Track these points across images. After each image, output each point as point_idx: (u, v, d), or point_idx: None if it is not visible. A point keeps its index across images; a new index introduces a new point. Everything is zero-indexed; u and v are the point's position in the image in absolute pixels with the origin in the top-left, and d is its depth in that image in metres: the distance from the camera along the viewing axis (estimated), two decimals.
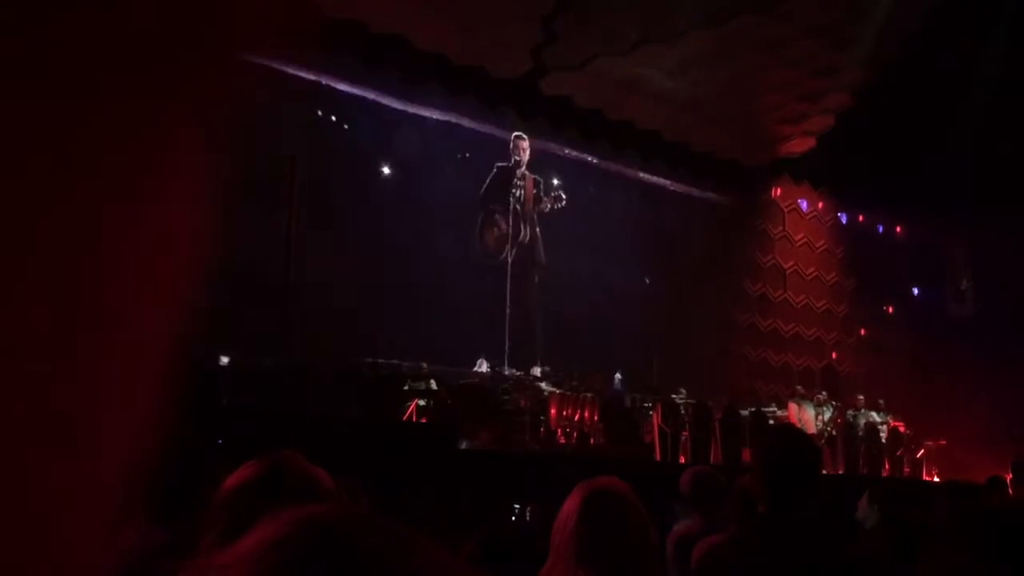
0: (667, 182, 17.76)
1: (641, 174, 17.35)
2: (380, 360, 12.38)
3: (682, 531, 3.51)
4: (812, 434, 13.40)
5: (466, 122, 15.01)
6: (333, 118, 13.72)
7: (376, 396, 10.72)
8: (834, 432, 14.52)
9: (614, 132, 16.24)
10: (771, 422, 13.95)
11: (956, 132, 15.61)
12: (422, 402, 10.84)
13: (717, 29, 13.90)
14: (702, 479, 3.83)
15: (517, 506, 6.34)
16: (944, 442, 16.04)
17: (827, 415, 14.72)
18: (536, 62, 14.18)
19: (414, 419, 10.48)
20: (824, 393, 15.50)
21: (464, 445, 9.44)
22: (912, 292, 20.37)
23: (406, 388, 11.26)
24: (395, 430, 9.41)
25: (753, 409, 14.18)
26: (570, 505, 1.79)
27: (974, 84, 15.33)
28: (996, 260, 18.50)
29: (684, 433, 12.59)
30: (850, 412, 15.26)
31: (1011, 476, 10.12)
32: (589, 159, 16.53)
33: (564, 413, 12.53)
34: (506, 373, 13.71)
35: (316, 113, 13.46)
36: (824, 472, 13.20)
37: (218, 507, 1.75)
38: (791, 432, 2.64)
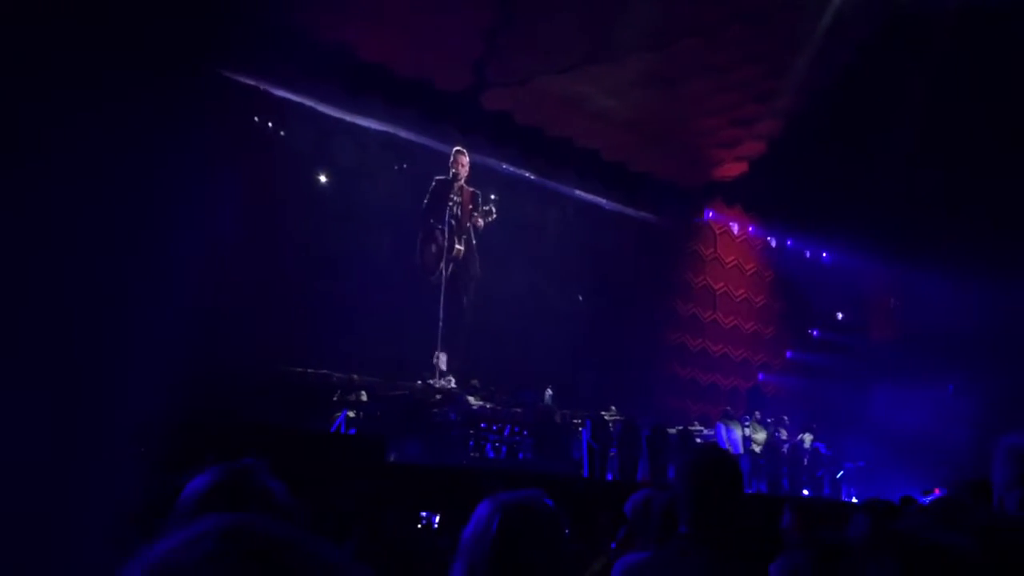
0: (603, 201, 17.93)
1: (578, 192, 17.49)
2: (310, 370, 12.23)
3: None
4: (737, 454, 13.64)
5: (404, 133, 14.96)
6: (270, 124, 13.52)
7: (304, 406, 10.59)
8: (759, 452, 14.78)
9: (552, 149, 16.34)
10: (698, 440, 14.15)
11: (882, 161, 16.08)
12: (351, 413, 10.74)
13: (658, 52, 14.12)
14: (647, 502, 3.75)
15: (424, 514, 6.33)
16: (863, 463, 16.43)
17: (758, 436, 14.98)
18: (477, 77, 14.21)
19: (343, 430, 10.38)
20: (758, 413, 15.77)
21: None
22: (836, 316, 20.85)
23: (335, 399, 11.15)
24: (322, 440, 9.30)
25: (681, 427, 14.36)
26: (486, 519, 1.78)
27: (900, 115, 15.80)
28: (916, 286, 19.04)
29: (612, 450, 12.70)
30: (776, 432, 15.55)
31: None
32: (527, 175, 16.61)
33: (494, 427, 12.54)
34: (437, 386, 13.66)
35: (253, 119, 13.25)
36: (747, 491, 13.44)
37: (180, 515, 1.73)
38: (713, 452, 2.68)
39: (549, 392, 14.51)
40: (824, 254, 20.95)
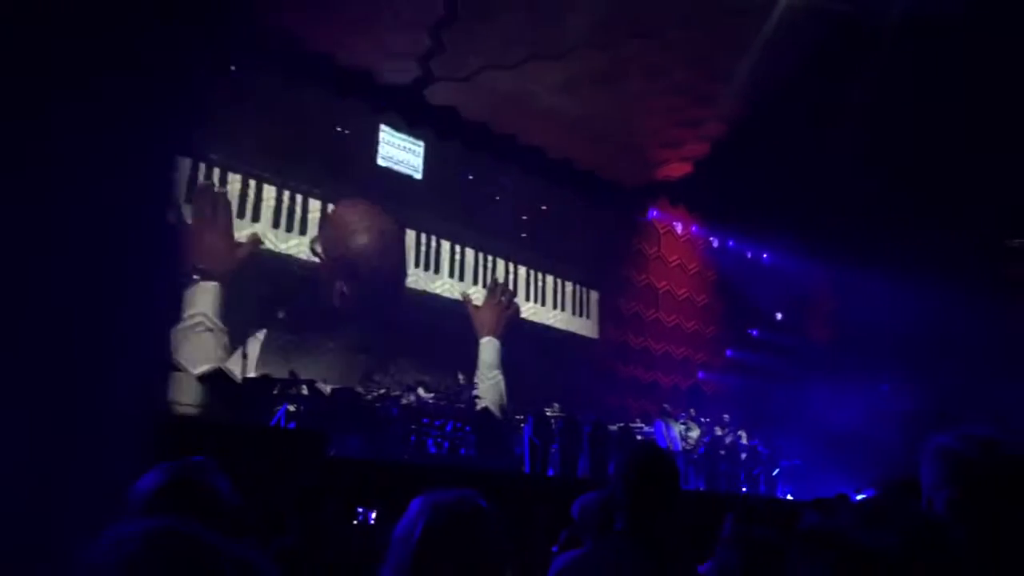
0: (548, 198, 17.99)
1: (523, 189, 17.51)
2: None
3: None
4: (676, 451, 13.79)
5: None
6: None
7: (245, 400, 10.45)
8: (698, 449, 14.95)
9: (498, 145, 16.34)
10: (639, 437, 14.28)
11: (822, 165, 16.38)
12: (292, 407, 10.62)
13: (604, 51, 14.20)
14: (593, 505, 3.70)
15: (361, 510, 6.29)
16: (799, 461, 16.73)
17: (692, 433, 15.14)
18: (423, 71, 14.15)
19: (283, 424, 10.26)
20: (692, 411, 15.95)
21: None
22: (776, 316, 21.19)
23: (275, 392, 11.02)
24: (261, 435, 9.18)
25: (622, 424, 14.46)
26: (413, 519, 1.76)
27: (841, 120, 16.11)
28: (853, 289, 19.43)
29: (554, 446, 12.74)
30: (716, 430, 15.75)
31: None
32: (470, 176, 16.57)
33: (436, 423, 12.51)
34: (379, 381, 13.58)
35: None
36: (685, 488, 13.60)
37: (129, 513, 1.74)
38: (651, 449, 2.70)
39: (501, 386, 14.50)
40: (765, 255, 21.27)
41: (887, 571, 1.27)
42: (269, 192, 13.73)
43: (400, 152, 15.41)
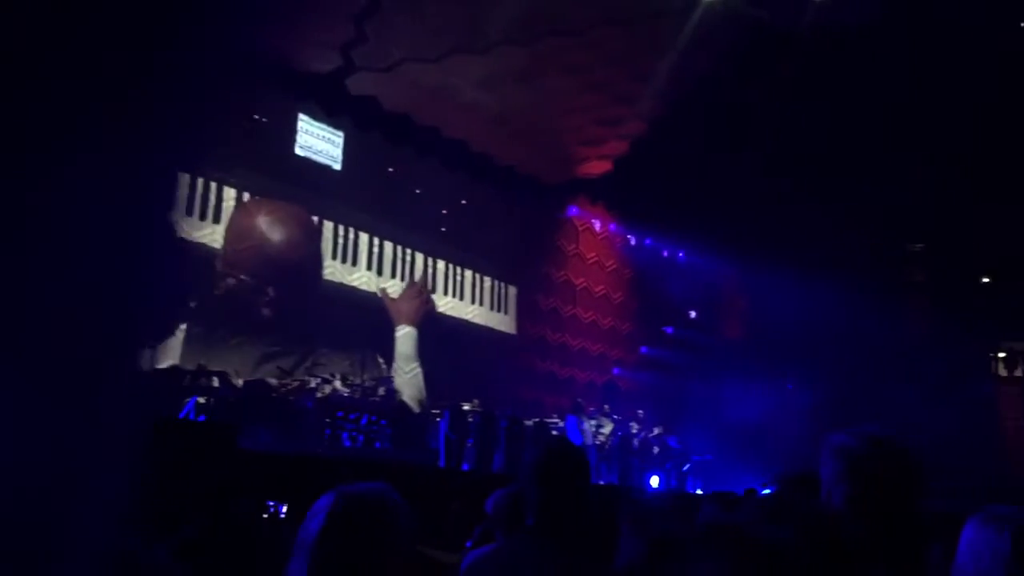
0: (468, 193, 17.97)
1: (443, 183, 17.46)
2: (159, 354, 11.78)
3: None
4: (588, 446, 13.95)
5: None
6: None
7: (153, 391, 10.18)
8: (610, 444, 15.13)
9: (420, 138, 16.25)
10: (554, 432, 14.38)
11: (737, 166, 16.75)
12: (201, 399, 10.40)
13: (526, 48, 14.24)
14: (505, 500, 3.67)
15: (271, 503, 6.20)
16: (709, 456, 17.07)
17: (605, 429, 15.31)
18: (345, 60, 13.98)
19: (192, 416, 10.04)
20: (607, 406, 16.12)
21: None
22: (690, 314, 21.57)
23: (185, 384, 10.77)
24: (169, 427, 8.95)
25: (537, 419, 14.55)
26: (320, 513, 1.75)
27: (755, 123, 16.49)
28: (763, 289, 19.90)
29: (470, 440, 12.75)
30: (630, 426, 15.96)
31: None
32: (390, 168, 16.44)
33: (351, 416, 12.39)
34: (294, 373, 13.39)
35: None
36: (599, 483, 13.76)
37: None
38: (561, 444, 2.72)
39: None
40: (680, 253, 21.63)
41: (786, 565, 1.31)
42: (183, 179, 13.37)
43: (319, 142, 15.20)
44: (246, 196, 14.08)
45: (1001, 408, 19.47)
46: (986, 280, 19.86)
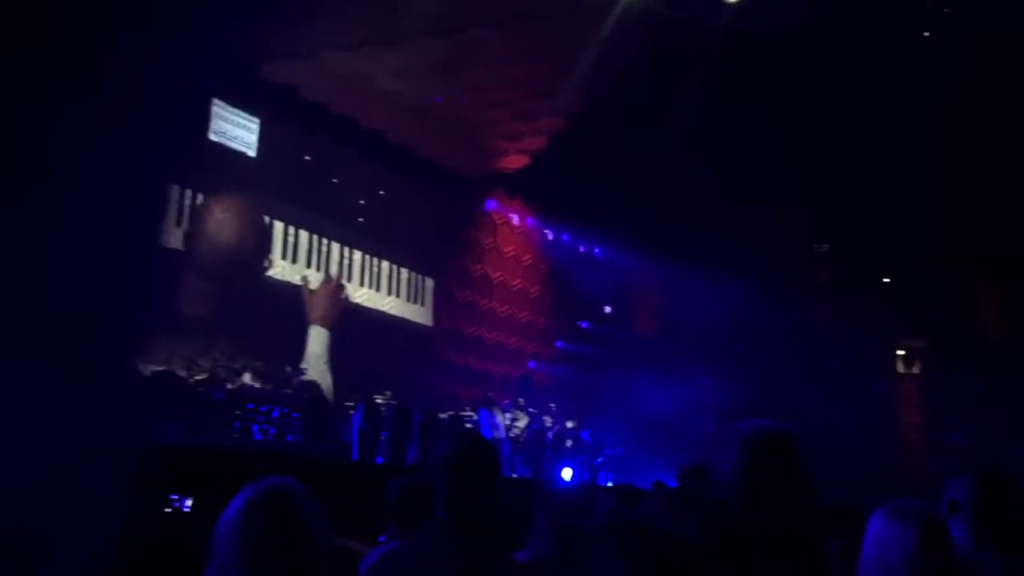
0: (386, 184, 17.82)
1: (361, 173, 17.28)
2: None
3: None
4: (500, 439, 14.02)
5: None
6: None
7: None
8: (524, 438, 15.23)
9: (337, 127, 16.03)
10: (468, 426, 14.40)
11: (653, 164, 17.02)
12: None
13: (445, 39, 14.19)
14: (409, 491, 3.60)
15: (175, 497, 6.07)
16: (621, 450, 17.32)
17: (520, 422, 15.41)
18: (260, 47, 13.70)
19: None
20: (522, 400, 16.21)
21: None
22: (605, 309, 21.82)
23: None
24: None
25: (452, 413, 14.54)
26: (234, 506, 1.73)
27: (672, 122, 16.77)
28: (678, 286, 20.27)
29: (384, 433, 12.66)
30: (544, 419, 16.08)
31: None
32: (307, 156, 16.20)
33: (262, 408, 12.19)
34: (203, 365, 13.09)
35: None
36: (512, 476, 13.84)
37: None
38: (471, 438, 2.73)
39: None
40: (596, 249, 21.84)
41: (685, 559, 1.34)
42: None
43: (233, 128, 14.87)
44: None
45: (898, 404, 20.24)
46: (887, 280, 20.60)
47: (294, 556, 1.70)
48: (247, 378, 12.54)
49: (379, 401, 13.35)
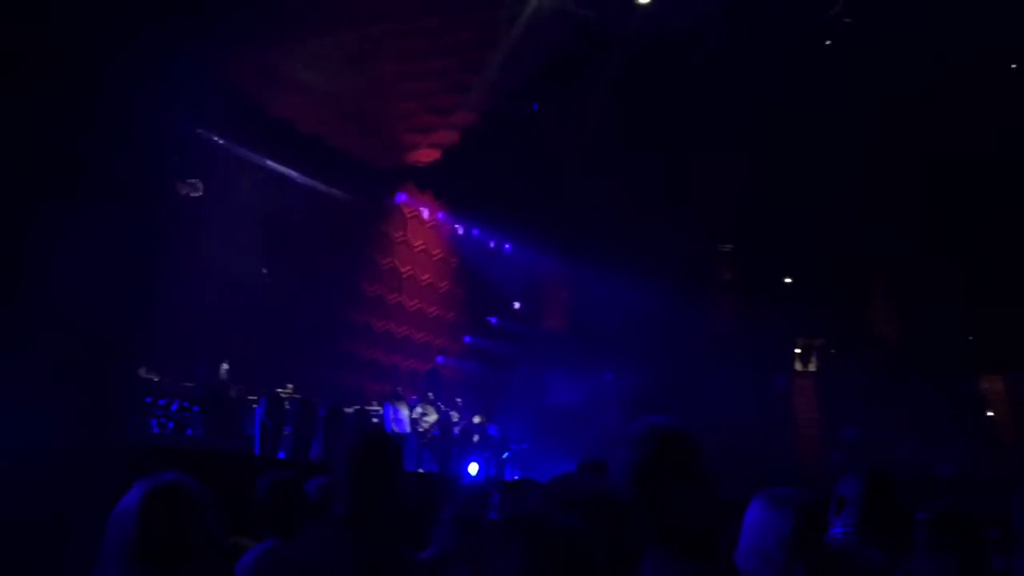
0: (294, 173, 17.51)
1: (268, 162, 16.93)
2: None
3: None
4: (403, 434, 13.97)
5: None
6: None
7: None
8: (432, 432, 15.19)
9: (244, 115, 15.64)
10: (375, 420, 14.29)
11: (563, 163, 17.16)
12: None
13: (357, 30, 14.02)
14: (280, 488, 3.46)
15: None
16: (527, 445, 17.41)
17: (429, 417, 15.35)
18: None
19: None
20: (431, 394, 16.15)
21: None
22: (514, 305, 21.90)
23: None
24: None
25: (358, 407, 14.40)
26: (124, 503, 1.68)
27: (582, 121, 16.94)
28: (586, 283, 20.49)
29: (287, 428, 12.48)
30: (451, 414, 16.05)
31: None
32: (216, 140, 15.80)
33: (160, 402, 11.86)
34: None
35: None
36: (419, 471, 13.78)
37: None
38: (373, 433, 2.71)
39: (225, 367, 13.97)
40: (507, 245, 21.89)
41: (578, 552, 1.35)
42: None
43: None
44: None
45: (795, 400, 20.89)
46: (788, 281, 21.24)
47: (184, 554, 1.66)
48: (142, 372, 12.18)
49: (282, 395, 13.15)
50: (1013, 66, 15.97)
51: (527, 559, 1.36)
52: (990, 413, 19.45)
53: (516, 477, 15.86)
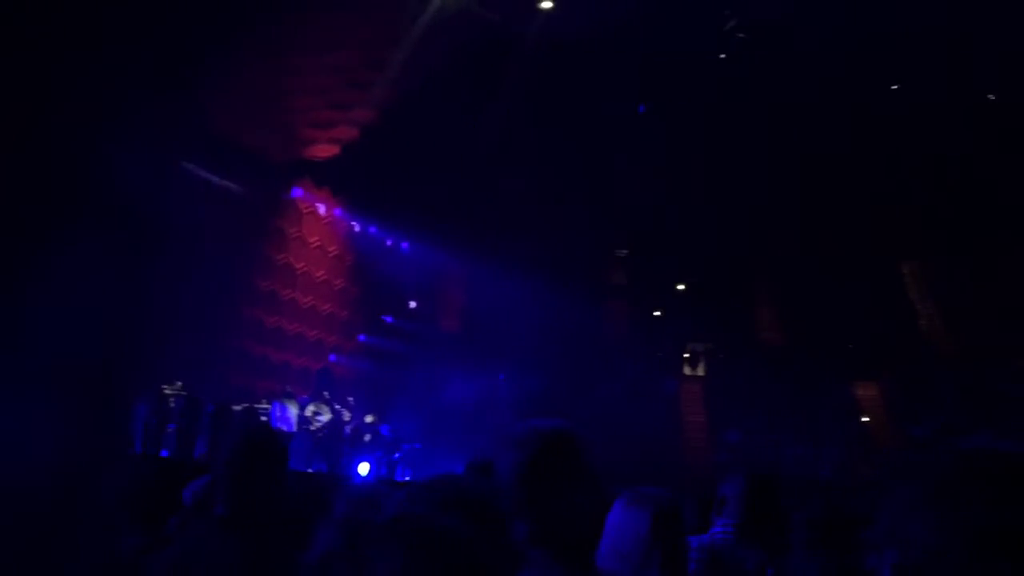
0: (188, 165, 16.99)
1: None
2: None
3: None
4: (290, 433, 13.76)
5: None
6: None
7: None
8: (322, 432, 14.99)
9: None
10: (264, 418, 14.02)
11: (464, 164, 17.18)
12: None
13: (258, 22, 13.74)
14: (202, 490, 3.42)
15: None
16: (419, 445, 17.36)
17: (323, 416, 15.15)
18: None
19: None
20: (326, 393, 15.93)
21: None
22: (409, 304, 21.80)
23: None
24: None
25: (247, 405, 14.10)
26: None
27: (483, 123, 16.98)
28: (482, 284, 20.56)
29: (171, 425, 12.12)
30: (339, 413, 15.87)
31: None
32: None
33: None
34: None
35: None
36: (308, 471, 13.58)
37: None
38: (257, 432, 2.65)
39: None
40: (404, 244, 21.77)
41: (456, 551, 1.35)
42: None
43: None
44: None
45: (683, 404, 21.43)
46: (680, 287, 21.76)
47: (32, 550, 1.60)
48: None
49: (167, 391, 12.76)
50: (894, 87, 16.74)
51: (407, 560, 1.36)
52: (865, 418, 20.32)
53: (408, 477, 15.80)
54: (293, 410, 14.49)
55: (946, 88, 15.43)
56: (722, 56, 16.15)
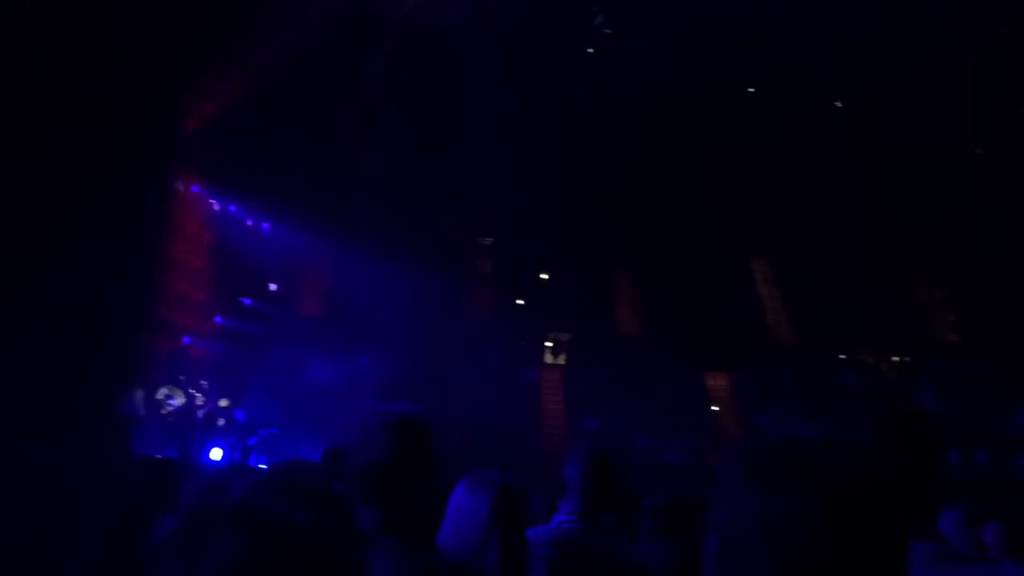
0: None
1: None
2: None
3: None
4: (140, 417, 13.28)
5: None
6: None
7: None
8: (172, 416, 14.54)
9: None
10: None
11: (331, 145, 16.88)
12: None
13: None
14: None
15: None
16: (276, 430, 17.01)
17: (176, 399, 14.68)
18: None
19: None
20: (182, 377, 15.42)
21: None
22: (270, 286, 21.29)
23: None
24: None
25: None
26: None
27: (353, 104, 16.74)
28: (346, 268, 20.26)
29: None
30: (196, 397, 15.40)
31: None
32: None
33: None
34: None
35: None
36: (157, 457, 13.10)
37: None
38: None
39: None
40: (265, 224, 21.22)
41: (297, 540, 1.34)
42: None
43: None
44: None
45: (543, 392, 21.74)
46: (544, 276, 22.07)
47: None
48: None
49: None
50: (751, 90, 17.46)
51: (245, 550, 1.33)
52: (715, 408, 21.15)
53: (263, 463, 15.46)
54: (139, 393, 13.95)
55: (797, 92, 16.21)
56: (590, 51, 16.45)
